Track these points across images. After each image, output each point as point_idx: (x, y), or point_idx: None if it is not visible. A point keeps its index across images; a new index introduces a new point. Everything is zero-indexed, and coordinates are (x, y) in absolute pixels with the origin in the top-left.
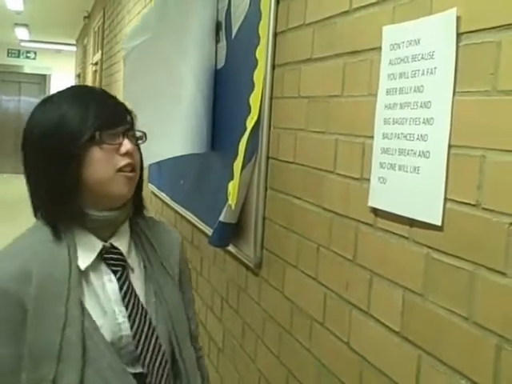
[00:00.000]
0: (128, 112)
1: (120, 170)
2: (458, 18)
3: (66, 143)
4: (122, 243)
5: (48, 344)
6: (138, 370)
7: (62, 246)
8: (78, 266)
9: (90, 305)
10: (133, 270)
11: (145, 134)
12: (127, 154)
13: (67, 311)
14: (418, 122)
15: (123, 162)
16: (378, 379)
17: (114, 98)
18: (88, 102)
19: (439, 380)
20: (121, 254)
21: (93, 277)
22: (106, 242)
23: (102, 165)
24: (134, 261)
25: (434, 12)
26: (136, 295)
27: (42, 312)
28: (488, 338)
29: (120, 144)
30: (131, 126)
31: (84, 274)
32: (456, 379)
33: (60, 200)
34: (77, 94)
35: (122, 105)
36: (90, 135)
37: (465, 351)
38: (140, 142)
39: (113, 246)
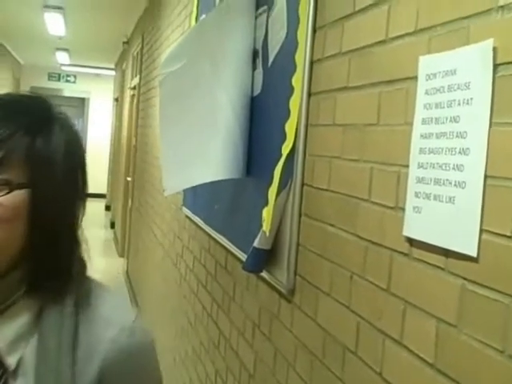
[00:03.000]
0: None
1: None
2: (495, 49)
3: None
4: (2, 332)
5: None
6: None
7: None
8: None
9: None
10: (15, 374)
11: (8, 183)
12: None
13: None
14: (453, 152)
15: None
16: None
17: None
18: None
19: None
20: None
21: None
22: None
23: None
24: (24, 361)
25: (470, 42)
26: None
27: None
28: None
29: None
30: None
31: None
32: None
33: None
34: None
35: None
36: None
37: None
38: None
39: None
